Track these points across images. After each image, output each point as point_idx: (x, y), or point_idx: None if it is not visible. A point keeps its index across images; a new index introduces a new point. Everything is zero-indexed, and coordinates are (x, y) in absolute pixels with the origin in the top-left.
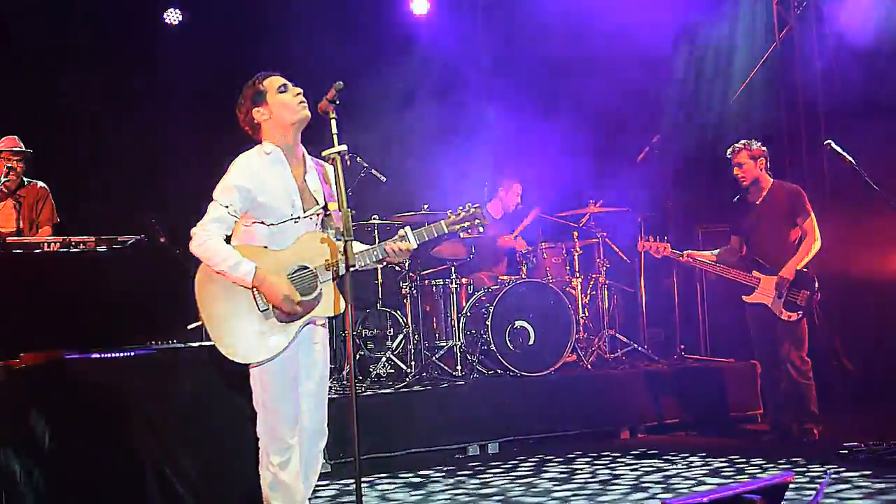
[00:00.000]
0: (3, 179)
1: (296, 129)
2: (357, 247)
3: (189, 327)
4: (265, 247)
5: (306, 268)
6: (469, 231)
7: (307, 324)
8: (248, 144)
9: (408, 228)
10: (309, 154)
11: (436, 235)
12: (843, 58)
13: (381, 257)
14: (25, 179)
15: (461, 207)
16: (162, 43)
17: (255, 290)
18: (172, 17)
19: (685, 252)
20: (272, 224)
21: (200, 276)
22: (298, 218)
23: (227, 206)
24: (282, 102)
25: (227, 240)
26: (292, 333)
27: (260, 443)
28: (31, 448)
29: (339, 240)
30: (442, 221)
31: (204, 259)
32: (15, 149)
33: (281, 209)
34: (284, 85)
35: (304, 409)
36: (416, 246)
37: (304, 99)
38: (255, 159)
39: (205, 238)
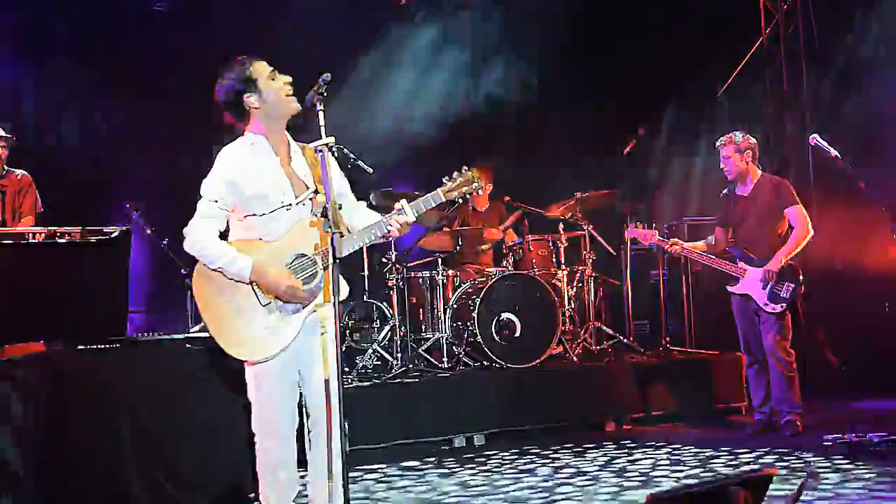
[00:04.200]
0: None
1: (285, 119)
2: (358, 225)
3: (192, 331)
4: (260, 238)
5: (304, 255)
6: (467, 196)
7: (313, 311)
8: (232, 133)
9: (404, 201)
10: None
11: (433, 204)
12: (828, 52)
13: (381, 233)
14: (7, 169)
15: (457, 173)
16: (149, 28)
17: (254, 284)
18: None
19: (672, 240)
20: (264, 214)
21: (198, 277)
22: (290, 205)
23: (215, 201)
24: (274, 91)
25: (224, 235)
26: (300, 323)
27: (255, 438)
28: (14, 441)
29: (327, 231)
30: (439, 190)
31: (199, 257)
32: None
33: (271, 198)
34: (273, 71)
35: (315, 399)
36: (414, 219)
37: (291, 89)
38: (239, 151)
39: (197, 236)
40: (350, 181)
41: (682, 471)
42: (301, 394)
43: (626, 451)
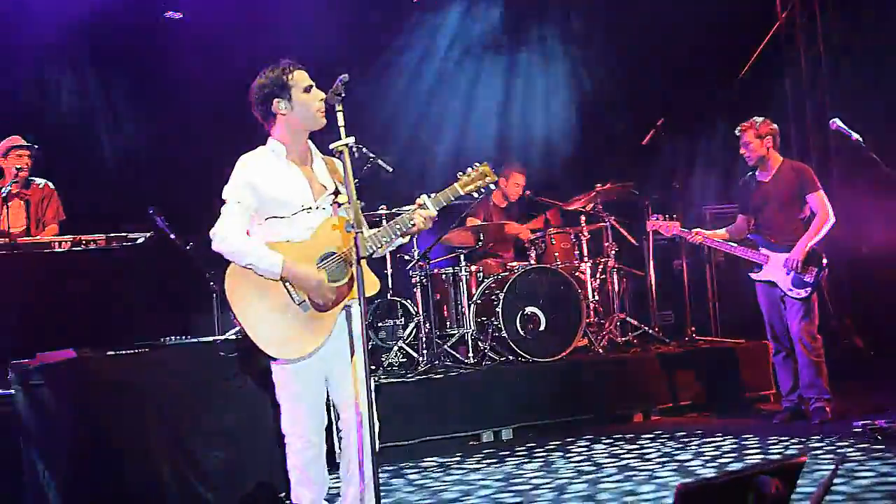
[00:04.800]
0: (13, 180)
1: (308, 131)
2: (373, 230)
3: (228, 335)
4: (287, 241)
5: (333, 253)
6: (482, 190)
7: (345, 308)
8: (252, 138)
9: (425, 196)
10: (316, 147)
11: (452, 199)
12: (847, 35)
13: (406, 228)
14: (30, 178)
15: (470, 168)
16: (164, 37)
17: (287, 283)
18: (175, 16)
19: (695, 230)
20: (285, 217)
21: (230, 280)
22: (311, 208)
23: (238, 202)
24: (305, 103)
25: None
26: (333, 320)
27: (286, 438)
28: (50, 447)
29: (350, 231)
30: (456, 184)
31: (228, 256)
32: (24, 144)
33: (292, 200)
34: (311, 86)
35: (344, 399)
36: (435, 213)
37: (323, 107)
38: (260, 156)
39: (224, 234)
40: (370, 179)
41: (711, 460)
42: (328, 394)
43: (655, 441)
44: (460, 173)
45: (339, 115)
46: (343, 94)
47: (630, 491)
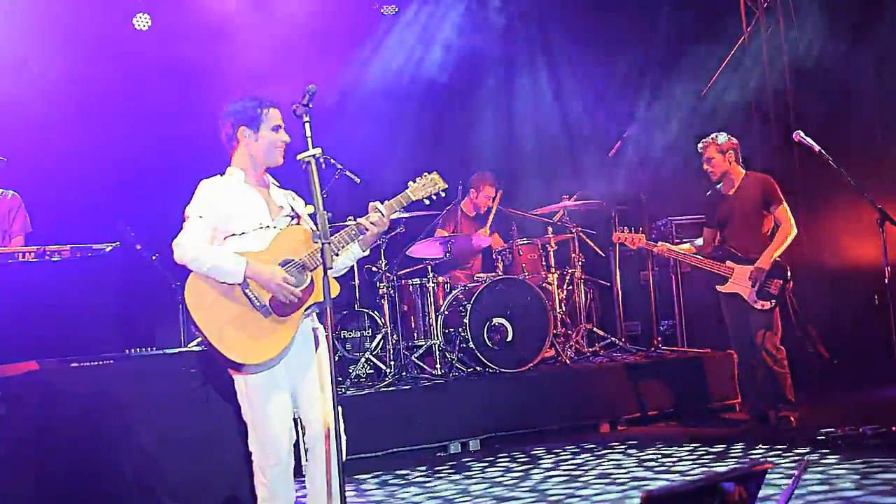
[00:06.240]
0: None
1: (264, 166)
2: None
3: (190, 346)
4: (245, 252)
5: (291, 260)
6: (433, 197)
7: (306, 315)
8: (216, 149)
9: (377, 203)
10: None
11: (404, 204)
12: (811, 48)
13: (360, 234)
14: None
15: (419, 177)
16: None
17: (247, 290)
18: (141, 21)
19: (660, 243)
20: (244, 233)
21: (192, 286)
22: (268, 226)
23: (200, 216)
24: (269, 140)
25: None
26: (295, 325)
27: (253, 456)
28: (9, 458)
29: (317, 242)
30: (407, 191)
31: (191, 262)
32: None
33: (249, 217)
34: (280, 126)
35: (310, 414)
36: (387, 219)
37: (284, 147)
38: (218, 180)
39: (187, 243)
40: (336, 190)
41: (677, 469)
42: (295, 408)
43: (621, 451)
44: (410, 182)
45: (307, 126)
46: (311, 105)
47: (597, 499)
